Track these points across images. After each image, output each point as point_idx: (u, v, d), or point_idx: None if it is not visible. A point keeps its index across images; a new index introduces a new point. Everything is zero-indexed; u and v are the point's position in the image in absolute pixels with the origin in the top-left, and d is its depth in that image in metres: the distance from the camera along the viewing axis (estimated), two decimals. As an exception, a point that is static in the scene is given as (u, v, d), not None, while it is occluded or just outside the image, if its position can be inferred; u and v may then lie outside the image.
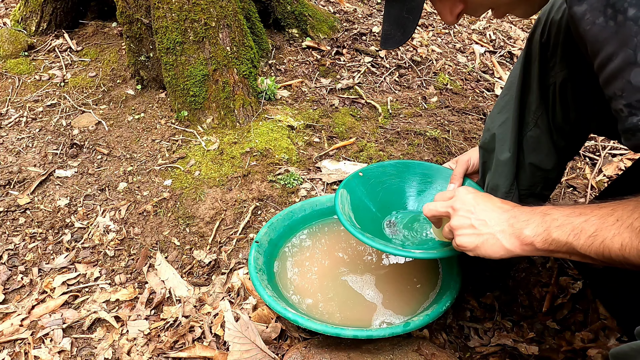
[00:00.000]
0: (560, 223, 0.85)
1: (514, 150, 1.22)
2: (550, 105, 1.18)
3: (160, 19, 1.90)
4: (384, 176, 1.44)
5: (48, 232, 1.65)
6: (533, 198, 1.30)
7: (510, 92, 1.23)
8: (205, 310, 1.41)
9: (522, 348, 1.30)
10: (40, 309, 1.44)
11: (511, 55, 2.71)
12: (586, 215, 0.82)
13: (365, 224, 1.31)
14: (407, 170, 1.45)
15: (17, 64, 2.32)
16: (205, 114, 1.99)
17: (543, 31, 1.14)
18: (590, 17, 0.73)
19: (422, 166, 1.46)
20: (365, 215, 1.35)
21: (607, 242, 0.77)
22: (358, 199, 1.37)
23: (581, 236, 0.81)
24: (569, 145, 1.25)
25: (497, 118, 1.26)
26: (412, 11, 0.93)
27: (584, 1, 0.73)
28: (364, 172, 1.43)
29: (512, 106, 1.22)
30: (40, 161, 1.90)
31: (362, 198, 1.38)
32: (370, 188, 1.42)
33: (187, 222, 1.65)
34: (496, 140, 1.25)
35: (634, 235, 0.74)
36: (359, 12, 2.81)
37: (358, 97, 2.23)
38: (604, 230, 0.78)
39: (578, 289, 1.42)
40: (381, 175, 1.44)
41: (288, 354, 1.22)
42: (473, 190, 1.03)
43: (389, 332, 1.14)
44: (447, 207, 1.02)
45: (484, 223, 0.94)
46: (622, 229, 0.76)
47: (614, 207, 0.79)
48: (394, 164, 1.47)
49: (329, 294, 1.34)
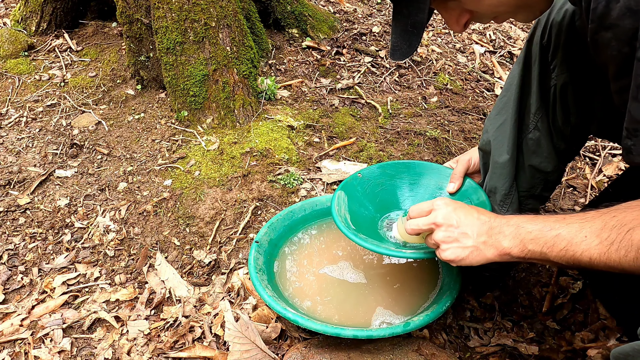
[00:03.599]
0: (533, 236, 0.91)
1: (513, 152, 1.22)
2: (551, 107, 1.18)
3: (160, 19, 1.90)
4: (384, 177, 1.44)
5: (48, 232, 1.65)
6: (533, 199, 1.30)
7: (509, 94, 1.23)
8: (205, 310, 1.41)
9: (522, 348, 1.30)
10: (40, 309, 1.44)
11: (511, 55, 2.71)
12: (557, 230, 0.88)
13: (363, 225, 1.31)
14: (407, 171, 1.45)
15: (17, 64, 2.32)
16: (205, 114, 1.99)
17: (543, 33, 1.14)
18: (617, 45, 0.76)
19: (422, 166, 1.46)
20: (362, 217, 1.35)
21: (577, 256, 0.85)
22: (356, 201, 1.37)
23: (553, 249, 0.88)
24: (569, 148, 1.24)
25: (495, 120, 1.26)
26: (415, 25, 0.95)
27: (610, 29, 0.75)
28: (363, 173, 1.43)
29: (510, 108, 1.22)
30: (40, 161, 1.90)
31: (360, 199, 1.38)
32: (370, 189, 1.41)
33: (187, 222, 1.65)
34: (492, 142, 1.25)
35: (602, 253, 0.81)
36: (359, 12, 2.81)
37: (358, 97, 2.23)
38: (573, 245, 0.85)
39: (578, 289, 1.42)
40: (380, 176, 1.44)
41: (288, 354, 1.22)
42: (450, 201, 1.04)
43: (389, 332, 1.14)
44: (429, 224, 1.04)
45: (466, 236, 0.98)
46: (590, 246, 0.83)
47: (582, 223, 0.86)
48: (394, 165, 1.47)
49: (329, 294, 1.34)
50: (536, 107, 1.19)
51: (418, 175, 1.45)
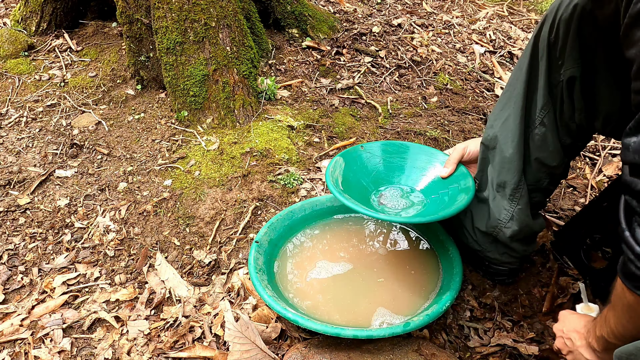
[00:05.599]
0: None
1: (520, 147, 1.24)
2: (558, 103, 1.19)
3: (160, 19, 1.90)
4: (384, 154, 1.51)
5: (48, 232, 1.65)
6: (539, 192, 1.32)
7: (514, 89, 1.23)
8: (205, 310, 1.41)
9: (522, 348, 1.30)
10: (40, 309, 1.44)
11: (511, 55, 2.71)
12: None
13: (354, 192, 1.36)
14: (406, 151, 1.52)
15: (17, 64, 2.32)
16: (205, 114, 1.99)
17: (551, 29, 1.14)
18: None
19: (421, 149, 1.53)
20: (355, 185, 1.41)
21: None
22: (352, 169, 1.44)
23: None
24: (574, 143, 1.26)
25: (500, 115, 1.27)
26: None
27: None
28: (365, 146, 1.50)
29: (517, 103, 1.23)
30: (40, 161, 1.90)
31: (356, 170, 1.45)
32: (368, 162, 1.49)
33: (187, 222, 1.65)
34: (499, 137, 1.26)
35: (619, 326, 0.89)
36: (359, 12, 2.81)
37: (358, 97, 2.23)
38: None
39: (578, 289, 1.42)
40: (381, 152, 1.51)
41: (288, 354, 1.22)
42: (580, 325, 1.09)
43: (389, 332, 1.14)
44: (563, 344, 1.13)
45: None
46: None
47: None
48: (396, 144, 1.54)
49: (329, 294, 1.34)
50: (543, 102, 1.20)
51: (415, 156, 1.51)
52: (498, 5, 3.23)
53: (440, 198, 1.38)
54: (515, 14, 3.17)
